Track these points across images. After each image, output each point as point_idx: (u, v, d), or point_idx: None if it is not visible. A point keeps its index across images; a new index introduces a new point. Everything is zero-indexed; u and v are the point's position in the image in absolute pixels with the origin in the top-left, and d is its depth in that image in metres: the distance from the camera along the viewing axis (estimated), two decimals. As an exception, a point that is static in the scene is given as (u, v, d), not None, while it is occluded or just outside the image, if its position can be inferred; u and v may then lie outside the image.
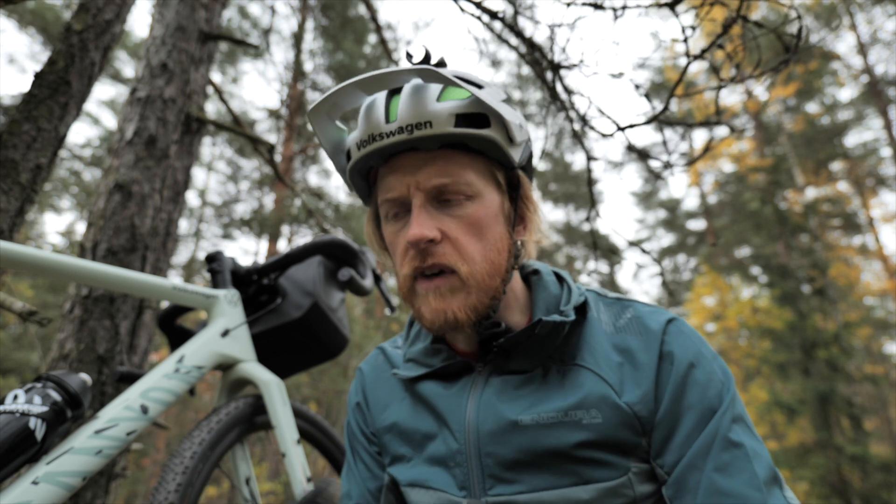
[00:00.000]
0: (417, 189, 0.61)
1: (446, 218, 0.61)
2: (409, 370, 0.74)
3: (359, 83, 0.61)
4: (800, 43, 1.67)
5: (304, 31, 11.07)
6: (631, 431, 0.60)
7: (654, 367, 0.61)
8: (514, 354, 0.66)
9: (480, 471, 0.63)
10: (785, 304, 10.45)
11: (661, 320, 0.64)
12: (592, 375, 0.62)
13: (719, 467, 0.55)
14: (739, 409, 0.59)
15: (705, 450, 0.56)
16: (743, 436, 0.57)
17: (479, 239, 0.62)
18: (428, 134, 0.59)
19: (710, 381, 0.60)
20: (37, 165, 1.19)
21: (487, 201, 0.63)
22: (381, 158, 0.63)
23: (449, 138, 0.59)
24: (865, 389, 12.73)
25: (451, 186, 0.61)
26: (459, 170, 0.61)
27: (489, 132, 0.60)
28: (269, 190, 12.47)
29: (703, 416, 0.58)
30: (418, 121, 0.59)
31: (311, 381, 10.01)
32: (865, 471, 8.68)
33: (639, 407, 0.60)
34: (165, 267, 2.01)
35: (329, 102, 0.64)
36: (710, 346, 0.64)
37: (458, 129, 0.59)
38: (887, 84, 12.92)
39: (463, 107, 0.60)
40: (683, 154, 3.32)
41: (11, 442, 0.68)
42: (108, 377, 1.62)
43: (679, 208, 18.71)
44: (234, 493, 1.15)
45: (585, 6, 2.07)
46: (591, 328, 0.66)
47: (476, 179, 0.62)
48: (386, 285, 1.50)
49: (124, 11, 1.50)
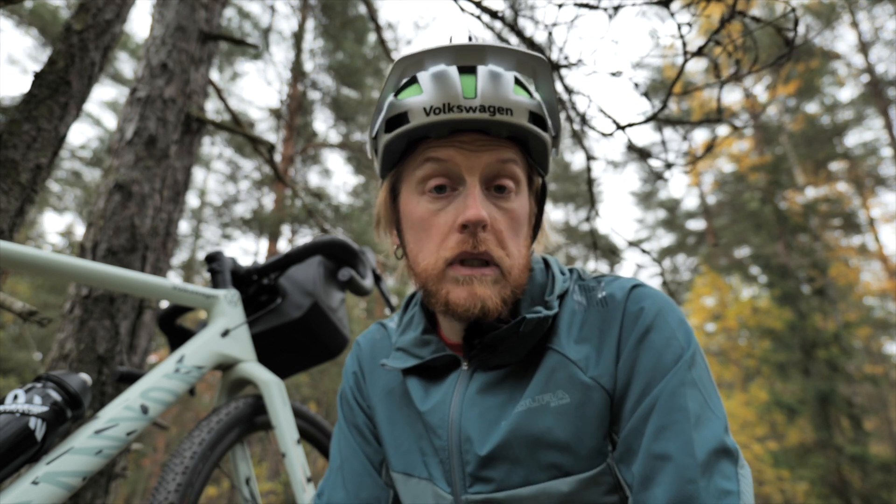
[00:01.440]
0: (475, 169, 0.61)
1: (494, 208, 0.62)
2: (397, 360, 0.72)
3: (460, 49, 0.60)
4: (796, 36, 1.67)
5: (304, 31, 11.07)
6: (600, 407, 0.58)
7: (616, 336, 0.60)
8: (500, 349, 0.65)
9: (461, 468, 0.63)
10: (785, 304, 10.45)
11: (625, 287, 0.63)
12: (558, 356, 0.62)
13: (657, 430, 0.53)
14: (695, 375, 0.56)
15: (647, 412, 0.55)
16: (690, 400, 0.54)
17: (516, 234, 0.63)
18: (506, 120, 0.59)
19: (666, 346, 0.57)
20: (37, 165, 1.19)
21: (524, 200, 0.65)
22: (446, 131, 0.61)
23: (519, 130, 0.61)
24: (865, 389, 12.73)
25: (506, 175, 0.62)
26: (514, 163, 0.62)
27: (547, 136, 0.63)
28: (269, 190, 12.48)
29: (652, 380, 0.56)
30: (501, 105, 0.59)
31: (311, 381, 10.02)
32: (865, 471, 8.68)
33: (604, 379, 0.59)
34: (165, 267, 2.01)
35: (417, 59, 0.61)
36: (677, 311, 0.61)
37: (530, 126, 0.61)
38: (888, 84, 12.92)
39: (533, 105, 0.61)
40: (685, 154, 3.32)
41: (11, 442, 0.68)
42: (108, 377, 1.62)
43: (679, 208, 18.71)
44: (234, 493, 1.15)
45: (579, 6, 2.07)
46: (566, 311, 0.66)
47: (522, 177, 0.64)
48: (386, 285, 1.50)
49: (124, 11, 1.50)
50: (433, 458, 0.66)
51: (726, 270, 14.47)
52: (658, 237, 19.72)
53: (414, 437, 0.69)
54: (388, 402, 0.74)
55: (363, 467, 0.74)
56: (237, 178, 13.11)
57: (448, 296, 0.61)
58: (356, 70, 10.96)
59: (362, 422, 0.77)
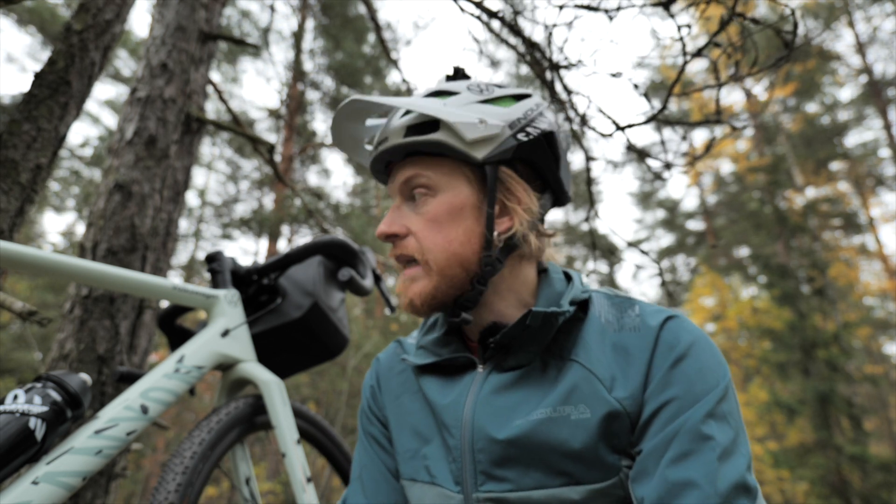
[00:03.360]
0: (393, 190, 0.72)
1: (413, 215, 0.69)
2: (417, 357, 0.76)
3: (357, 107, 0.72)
4: (795, 38, 1.67)
5: (304, 31, 11.07)
6: (620, 427, 0.59)
7: (647, 362, 0.60)
8: (513, 350, 0.67)
9: (473, 467, 0.64)
10: (784, 304, 10.45)
11: (661, 315, 0.64)
12: (583, 370, 0.63)
13: (679, 455, 0.53)
14: (726, 409, 0.56)
15: (671, 437, 0.55)
16: (718, 432, 0.54)
17: (438, 231, 0.67)
18: (388, 146, 0.69)
19: (699, 376, 0.58)
20: (37, 165, 1.19)
21: (450, 196, 0.68)
22: (381, 165, 0.74)
23: (404, 147, 0.68)
24: (865, 389, 12.73)
25: (412, 182, 0.69)
26: (421, 170, 0.68)
27: (435, 135, 0.66)
28: (269, 190, 12.48)
29: (681, 407, 0.56)
30: (382, 138, 0.70)
31: (311, 381, 10.02)
32: (865, 471, 8.69)
33: (628, 402, 0.59)
34: (165, 267, 2.01)
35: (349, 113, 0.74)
36: (713, 346, 0.62)
37: (406, 139, 0.67)
38: (886, 84, 12.92)
39: (413, 118, 0.68)
40: (684, 154, 3.31)
41: (11, 442, 0.68)
42: (108, 377, 1.62)
43: (678, 208, 18.72)
44: (234, 493, 1.15)
45: (579, 8, 2.07)
46: (591, 326, 0.67)
47: (438, 177, 0.68)
48: (386, 285, 1.50)
49: (124, 11, 1.50)
50: (442, 459, 0.68)
51: (726, 270, 14.47)
52: (657, 237, 19.73)
53: (419, 442, 0.71)
54: (399, 410, 0.77)
55: (380, 474, 0.77)
56: (237, 178, 13.11)
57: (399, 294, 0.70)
58: (356, 70, 10.96)
59: (378, 431, 0.81)
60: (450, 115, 0.65)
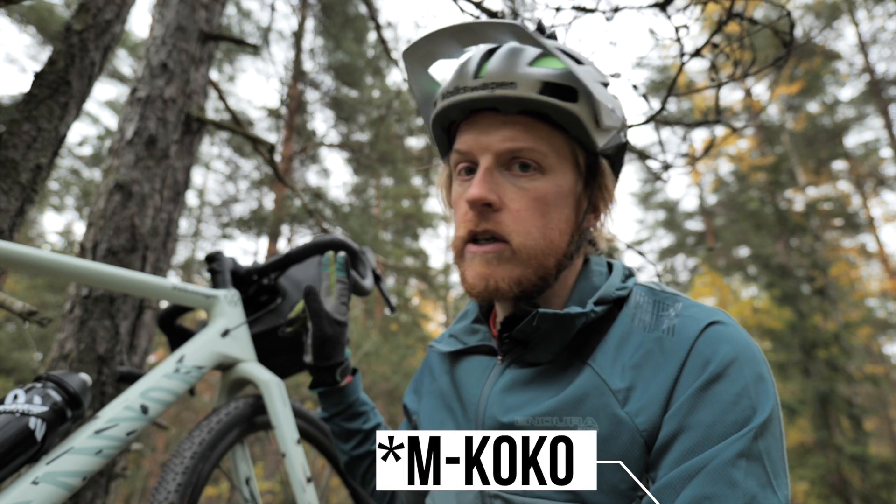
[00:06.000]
0: (487, 150, 0.59)
1: (512, 187, 0.59)
2: (446, 345, 0.75)
3: (451, 30, 0.60)
4: (793, 38, 1.68)
5: (304, 30, 11.07)
6: (631, 447, 0.52)
7: (674, 375, 0.52)
8: (532, 345, 0.62)
9: None
10: (785, 304, 10.45)
11: (702, 320, 0.55)
12: (596, 378, 0.56)
13: (696, 498, 0.45)
14: (762, 447, 0.47)
15: (691, 474, 0.47)
16: (747, 477, 0.45)
17: (541, 215, 0.59)
18: (509, 94, 0.57)
19: (734, 404, 0.49)
20: (37, 165, 1.19)
21: (559, 179, 0.60)
22: (462, 113, 0.62)
23: (530, 104, 0.57)
24: (865, 389, 12.72)
25: (522, 153, 0.59)
26: (535, 139, 0.58)
27: (574, 107, 0.57)
28: (269, 190, 12.47)
29: (707, 439, 0.48)
30: (503, 80, 0.57)
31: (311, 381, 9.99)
32: (865, 471, 8.69)
33: (641, 420, 0.52)
34: (165, 267, 2.01)
35: (422, 48, 0.63)
36: (759, 363, 0.52)
37: (541, 97, 0.56)
38: (888, 83, 12.92)
39: (553, 76, 0.57)
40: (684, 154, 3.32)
41: (11, 442, 0.68)
42: (108, 377, 1.62)
43: (678, 209, 18.71)
44: (234, 493, 1.15)
45: (576, 10, 2.06)
46: (619, 326, 0.60)
47: (551, 153, 0.59)
48: (386, 285, 1.50)
49: (124, 11, 1.50)
50: None
51: (726, 270, 14.47)
52: (658, 237, 19.72)
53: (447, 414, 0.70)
54: (433, 387, 0.76)
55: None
56: (237, 178, 13.11)
57: (464, 275, 0.62)
58: (356, 69, 10.96)
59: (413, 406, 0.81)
60: (598, 92, 0.58)
